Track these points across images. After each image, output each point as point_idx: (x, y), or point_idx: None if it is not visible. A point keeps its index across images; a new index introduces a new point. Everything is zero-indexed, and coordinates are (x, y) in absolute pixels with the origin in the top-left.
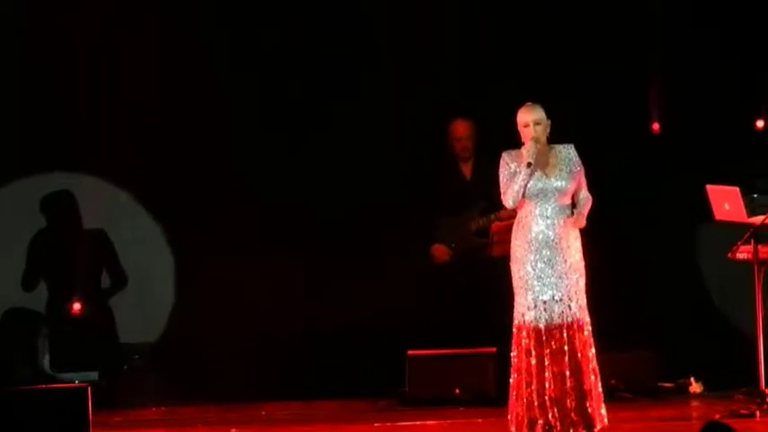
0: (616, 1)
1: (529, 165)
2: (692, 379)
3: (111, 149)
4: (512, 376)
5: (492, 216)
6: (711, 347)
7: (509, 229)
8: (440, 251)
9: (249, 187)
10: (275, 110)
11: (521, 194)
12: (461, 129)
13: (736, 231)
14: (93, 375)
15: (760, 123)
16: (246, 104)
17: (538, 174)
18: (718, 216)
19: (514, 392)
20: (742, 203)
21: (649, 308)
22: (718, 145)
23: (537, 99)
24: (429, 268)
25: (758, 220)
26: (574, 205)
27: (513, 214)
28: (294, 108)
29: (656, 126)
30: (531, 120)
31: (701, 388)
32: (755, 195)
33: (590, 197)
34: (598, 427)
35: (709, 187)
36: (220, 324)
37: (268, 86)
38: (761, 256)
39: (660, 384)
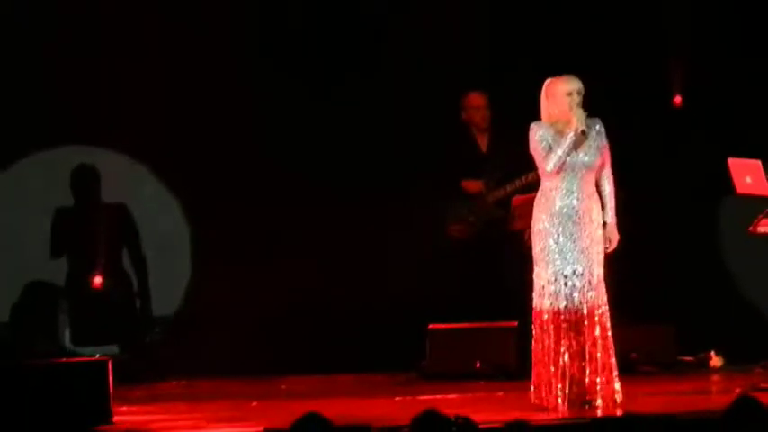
0: None
1: (583, 132)
2: (713, 353)
3: (128, 122)
4: (533, 349)
5: (508, 187)
6: (732, 321)
7: (530, 203)
8: (472, 185)
9: (269, 160)
10: (294, 81)
11: (563, 160)
12: (479, 99)
13: (758, 205)
14: (114, 349)
15: None
16: (264, 76)
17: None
18: (740, 189)
19: (535, 366)
20: (764, 176)
21: (670, 282)
22: (741, 117)
23: (555, 74)
24: (449, 242)
25: None
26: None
27: (531, 183)
28: (313, 80)
29: (678, 99)
30: (575, 89)
31: (722, 361)
32: None
33: (611, 180)
34: (618, 400)
35: (730, 160)
36: (239, 298)
37: (287, 58)
38: None
39: (680, 358)
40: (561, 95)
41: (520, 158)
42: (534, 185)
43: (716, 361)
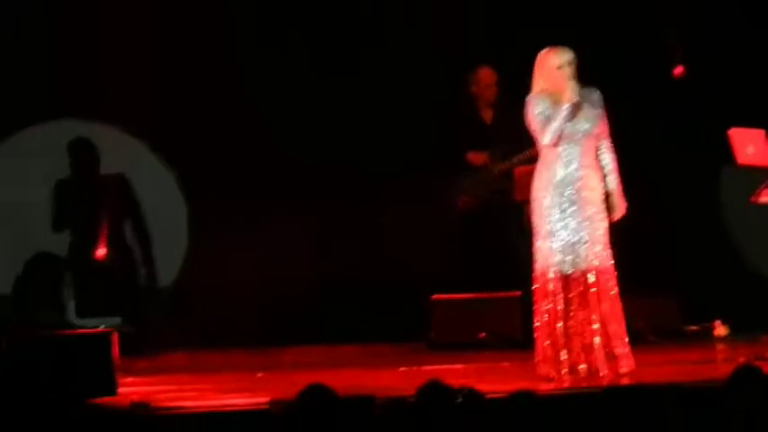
0: None
1: (575, 105)
2: (718, 322)
3: (124, 96)
4: (536, 320)
5: (514, 159)
6: (736, 290)
7: (533, 173)
8: (477, 157)
9: (269, 133)
10: (295, 57)
11: (559, 131)
12: (491, 76)
13: (761, 174)
14: (117, 321)
15: None
16: (264, 53)
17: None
18: (741, 160)
19: (541, 336)
20: (767, 146)
21: (674, 252)
22: (743, 87)
23: (556, 45)
24: (455, 213)
25: None
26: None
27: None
28: (312, 54)
29: (678, 70)
30: (566, 60)
31: (726, 331)
32: None
33: (611, 149)
34: (625, 369)
35: (731, 130)
36: (244, 269)
37: (289, 32)
38: None
39: (685, 327)
40: (553, 68)
41: (525, 131)
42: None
43: (720, 330)
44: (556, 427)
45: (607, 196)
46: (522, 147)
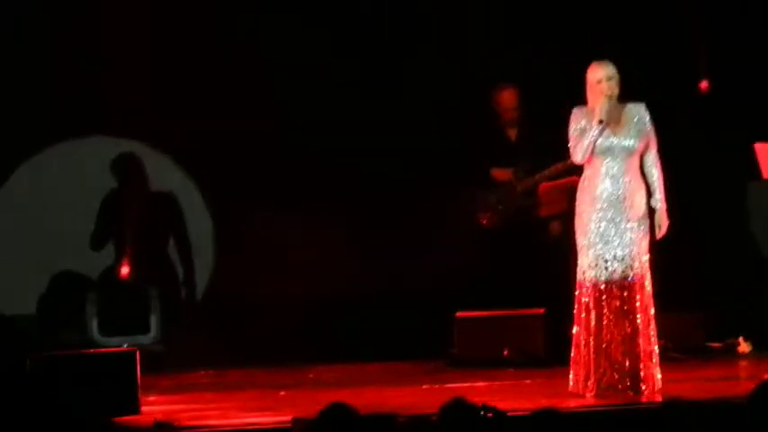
0: None
1: (600, 122)
2: (741, 338)
3: (147, 110)
4: (573, 335)
5: (537, 176)
6: (760, 307)
7: (557, 190)
8: (501, 174)
9: (293, 146)
10: (322, 68)
11: (590, 150)
12: (510, 99)
13: None
14: (144, 339)
15: None
16: (288, 60)
17: (606, 131)
18: (767, 174)
19: (574, 350)
20: None
21: (698, 268)
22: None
23: (582, 60)
24: (477, 229)
25: None
26: (643, 168)
27: (561, 173)
28: (340, 68)
29: (704, 84)
30: (603, 75)
31: (750, 347)
32: None
33: (658, 165)
34: (655, 387)
35: (757, 145)
36: (265, 286)
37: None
38: None
39: (708, 344)
40: (593, 83)
41: (549, 148)
42: (563, 174)
43: (744, 347)
44: None
45: (651, 212)
46: (547, 163)
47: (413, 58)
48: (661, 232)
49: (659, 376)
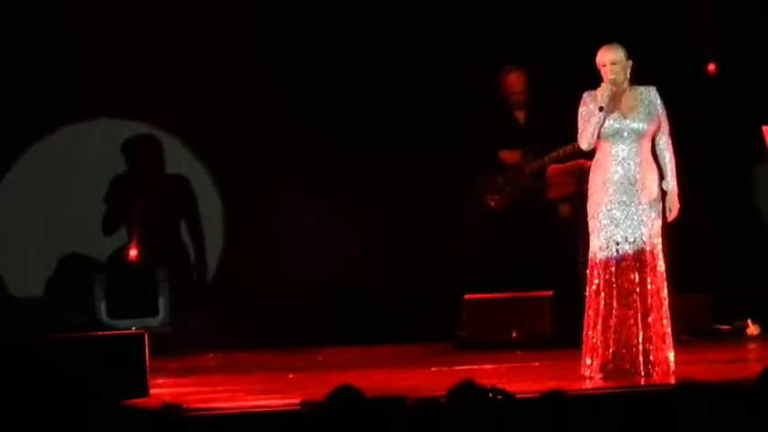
0: None
1: (601, 108)
2: (750, 321)
3: (157, 92)
4: (585, 317)
5: (546, 158)
6: None
7: (565, 172)
8: (510, 155)
9: (303, 129)
10: (330, 54)
11: (594, 137)
12: (516, 82)
13: None
14: (153, 322)
15: None
16: (296, 44)
17: (615, 114)
18: None
19: (587, 331)
20: None
21: (706, 250)
22: None
23: (589, 44)
24: (486, 211)
25: None
26: (655, 151)
27: (569, 155)
28: (346, 54)
29: (711, 67)
30: (608, 60)
31: (759, 330)
32: None
33: (670, 149)
34: (668, 370)
35: (765, 127)
36: (274, 269)
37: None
38: None
39: (717, 327)
40: (600, 66)
41: (557, 130)
42: (572, 157)
43: (753, 329)
44: (586, 427)
45: (663, 195)
46: (555, 146)
47: (419, 43)
48: (672, 215)
49: (672, 358)
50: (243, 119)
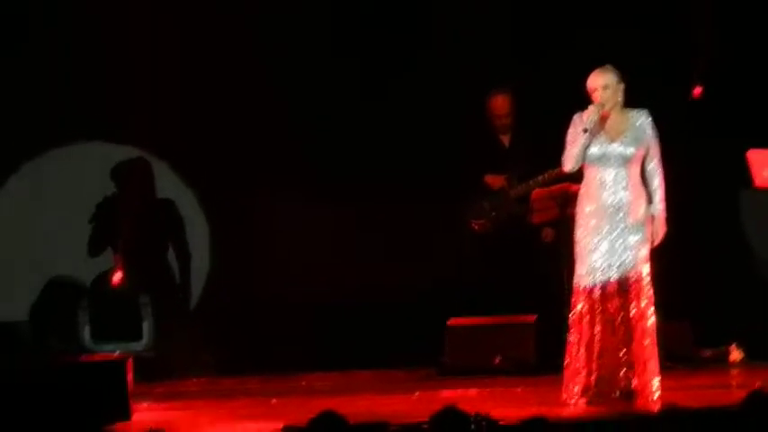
0: None
1: (585, 131)
2: (733, 346)
3: (144, 116)
4: (568, 342)
5: (531, 182)
6: (752, 315)
7: (550, 197)
8: (494, 180)
9: (288, 154)
10: (314, 75)
11: (578, 159)
12: (501, 105)
13: None
14: (137, 346)
15: None
16: (285, 68)
17: (602, 138)
18: (759, 182)
19: (568, 357)
20: None
21: (689, 275)
22: (761, 109)
23: (578, 66)
24: (470, 235)
25: None
26: (644, 175)
27: (554, 179)
28: (332, 76)
29: (697, 91)
30: (599, 85)
31: (741, 355)
32: None
33: (659, 173)
34: (651, 397)
35: (750, 152)
36: (258, 293)
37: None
38: None
39: (700, 352)
40: (590, 91)
41: (542, 154)
42: (556, 181)
43: (736, 355)
44: None
45: (651, 219)
46: (540, 170)
47: (409, 67)
48: (656, 240)
49: (657, 384)
50: (231, 142)
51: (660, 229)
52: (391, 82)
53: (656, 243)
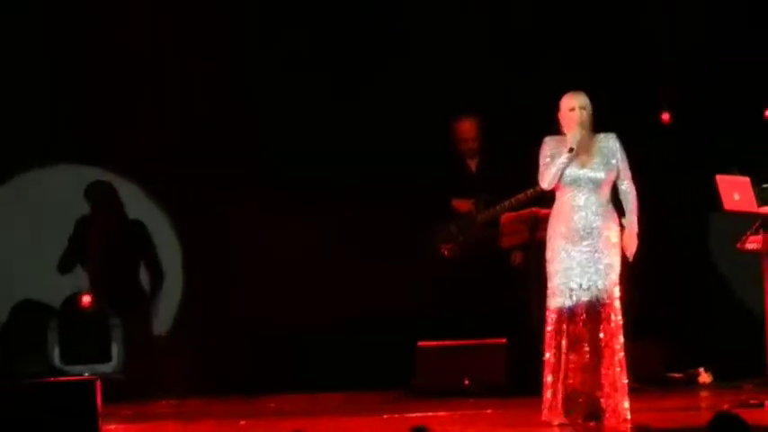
0: None
1: (571, 150)
2: (702, 369)
3: (118, 140)
4: (544, 363)
5: (497, 207)
6: (720, 337)
7: (519, 220)
8: (462, 204)
9: (259, 179)
10: (286, 96)
11: (557, 178)
12: (467, 129)
13: (748, 221)
14: (106, 368)
15: None
16: (255, 91)
17: (574, 162)
18: (728, 206)
19: (545, 377)
20: (752, 193)
21: (658, 298)
22: (728, 135)
23: (549, 92)
24: (438, 259)
25: None
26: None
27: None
28: (303, 99)
29: (665, 116)
30: (577, 104)
31: (710, 378)
32: (766, 185)
33: (632, 192)
34: (620, 418)
35: (718, 177)
36: (227, 315)
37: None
38: None
39: (669, 375)
40: (566, 111)
41: (510, 179)
42: (525, 205)
43: (705, 377)
44: None
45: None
46: (507, 195)
47: (374, 91)
48: (628, 252)
49: (626, 406)
50: (203, 166)
51: (632, 241)
52: (362, 108)
53: (629, 254)
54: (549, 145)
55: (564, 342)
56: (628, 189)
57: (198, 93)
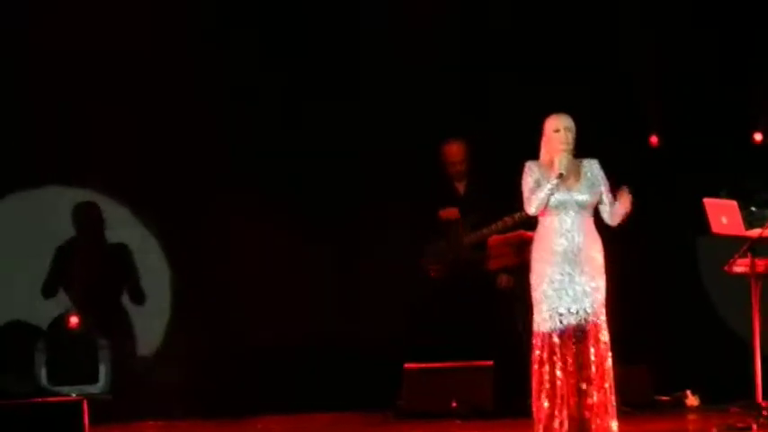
0: (613, 20)
1: (560, 175)
2: (689, 392)
3: (107, 162)
4: (533, 384)
5: (484, 230)
6: (708, 360)
7: (506, 243)
8: (450, 213)
9: (246, 200)
10: (269, 118)
11: (545, 202)
12: (455, 152)
13: (736, 244)
14: (93, 389)
15: (758, 137)
16: (240, 115)
17: (561, 186)
18: (715, 229)
19: (535, 401)
20: (740, 217)
21: (646, 321)
22: (716, 158)
23: (535, 114)
24: (426, 281)
25: (755, 233)
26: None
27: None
28: (288, 121)
29: (654, 139)
30: (563, 126)
31: (698, 401)
32: (753, 209)
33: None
34: None
35: (706, 200)
36: (214, 336)
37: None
38: (758, 269)
39: (657, 398)
40: (550, 132)
41: (497, 201)
42: (512, 228)
43: (692, 400)
44: None
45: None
46: (494, 218)
47: (363, 110)
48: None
49: (615, 428)
50: (190, 186)
51: (624, 198)
52: (343, 126)
53: (623, 208)
54: (531, 170)
55: (557, 366)
56: (609, 201)
57: (183, 112)
